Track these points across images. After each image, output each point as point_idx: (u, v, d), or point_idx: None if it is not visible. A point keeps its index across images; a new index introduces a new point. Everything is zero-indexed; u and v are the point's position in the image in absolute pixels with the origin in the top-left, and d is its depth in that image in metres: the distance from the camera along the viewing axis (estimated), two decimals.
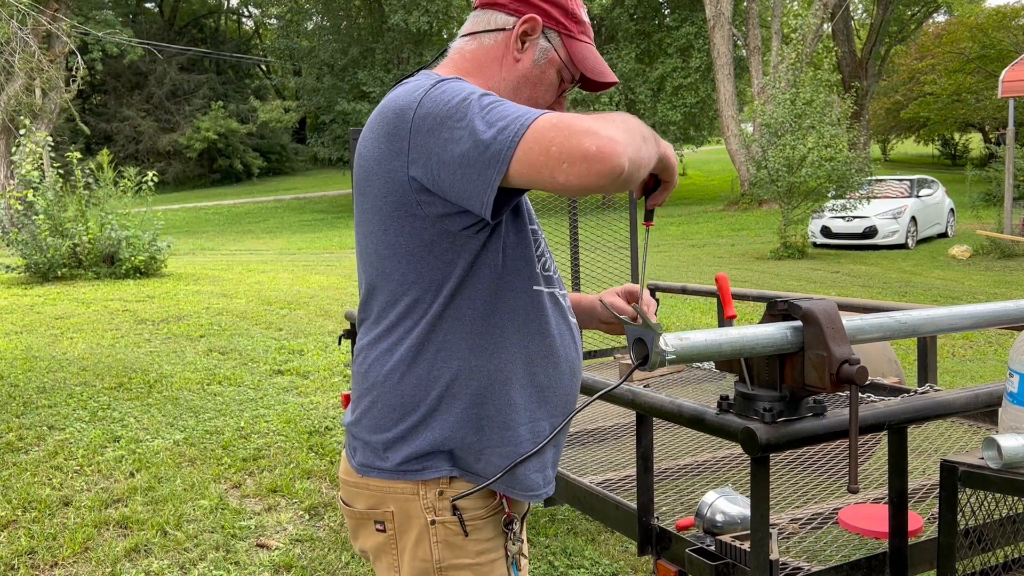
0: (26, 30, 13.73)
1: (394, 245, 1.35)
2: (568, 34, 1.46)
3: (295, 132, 42.34)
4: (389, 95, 1.37)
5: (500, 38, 1.45)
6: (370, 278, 1.41)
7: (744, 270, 12.74)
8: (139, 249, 12.25)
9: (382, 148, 1.32)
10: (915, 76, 35.95)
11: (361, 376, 1.43)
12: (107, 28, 28.76)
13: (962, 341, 7.47)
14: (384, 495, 1.41)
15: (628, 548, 3.41)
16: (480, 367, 1.36)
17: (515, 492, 1.42)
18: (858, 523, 1.98)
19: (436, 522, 1.39)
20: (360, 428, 1.43)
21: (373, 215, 1.37)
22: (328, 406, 5.62)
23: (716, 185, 31.42)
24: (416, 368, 1.37)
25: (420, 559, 1.40)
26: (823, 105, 14.54)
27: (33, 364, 6.73)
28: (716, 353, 1.41)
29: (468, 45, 1.48)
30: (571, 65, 1.47)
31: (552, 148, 1.15)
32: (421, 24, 28.89)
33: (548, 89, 1.47)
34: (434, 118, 1.25)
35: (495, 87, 1.45)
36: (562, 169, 1.15)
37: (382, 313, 1.40)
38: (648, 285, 4.26)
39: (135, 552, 3.48)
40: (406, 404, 1.38)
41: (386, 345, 1.39)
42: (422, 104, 1.27)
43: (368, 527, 1.45)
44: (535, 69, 1.45)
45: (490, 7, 1.47)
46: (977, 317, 1.76)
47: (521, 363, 1.39)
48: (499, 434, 1.38)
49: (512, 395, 1.38)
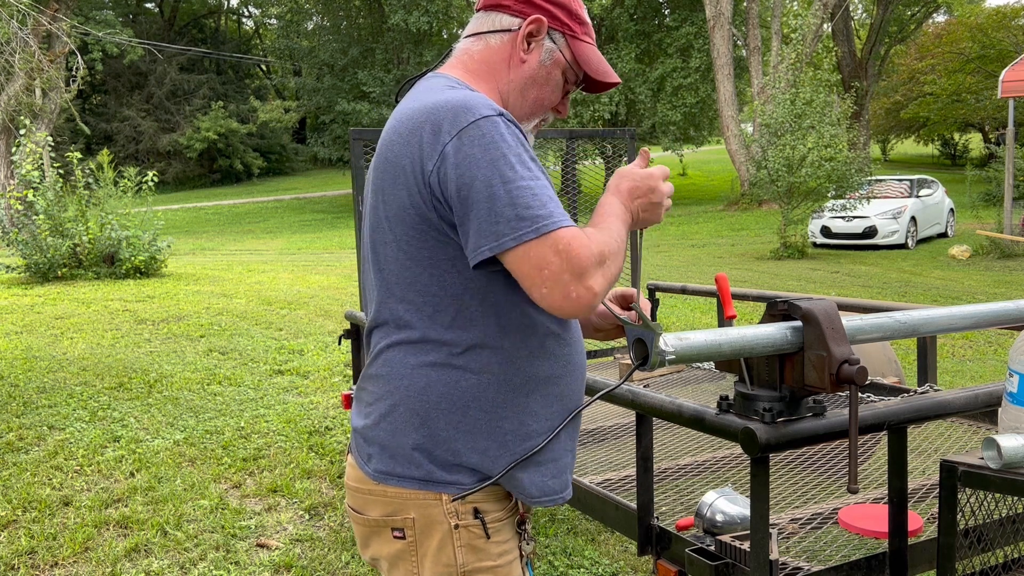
0: (26, 30, 13.73)
1: (415, 256, 1.35)
2: (572, 35, 1.47)
3: (295, 132, 42.34)
4: (414, 102, 1.36)
5: (506, 39, 1.46)
6: (389, 282, 1.40)
7: (744, 270, 12.74)
8: (139, 249, 12.25)
9: (414, 154, 1.32)
10: (915, 76, 35.95)
11: (383, 379, 1.40)
12: (107, 28, 28.77)
13: (962, 341, 7.47)
14: (404, 502, 1.38)
15: (628, 548, 3.41)
16: (503, 379, 1.36)
17: (534, 499, 1.42)
18: (858, 523, 1.98)
19: (460, 526, 1.37)
20: (379, 431, 1.40)
21: (395, 223, 1.36)
22: (328, 406, 5.62)
23: (716, 185, 31.42)
24: (442, 376, 1.36)
25: (443, 564, 1.38)
26: (823, 105, 14.53)
27: (33, 364, 6.73)
28: (716, 353, 1.41)
29: (475, 46, 1.48)
30: (575, 65, 1.48)
31: (544, 271, 1.23)
32: (421, 24, 28.91)
33: (554, 89, 1.49)
34: (467, 158, 1.26)
35: (504, 88, 1.46)
36: (541, 292, 1.24)
37: (410, 315, 1.38)
38: (648, 285, 4.26)
39: (135, 552, 3.48)
40: (430, 411, 1.36)
41: (413, 350, 1.38)
42: (460, 137, 1.27)
43: (383, 535, 1.42)
44: (541, 70, 1.46)
45: (494, 8, 1.47)
46: (977, 317, 1.76)
47: (541, 375, 1.39)
48: (520, 444, 1.38)
49: (532, 405, 1.39)
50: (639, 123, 28.01)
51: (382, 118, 28.74)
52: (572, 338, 1.45)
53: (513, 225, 1.22)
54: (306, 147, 38.73)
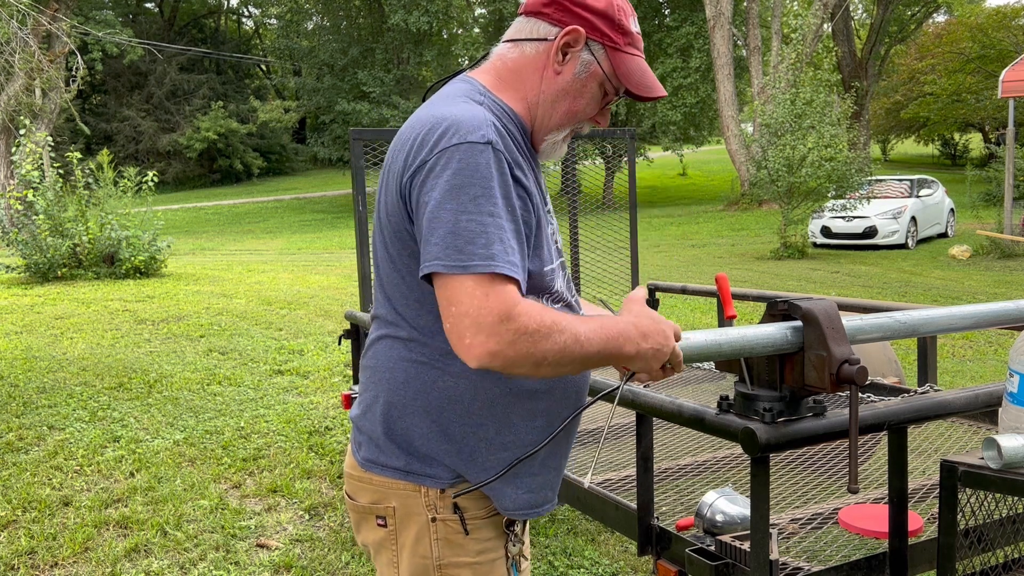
0: (26, 30, 13.73)
1: (396, 260, 1.37)
2: (614, 46, 1.41)
3: (295, 132, 42.34)
4: (423, 109, 1.37)
5: (542, 48, 1.41)
6: (381, 280, 1.43)
7: (744, 270, 12.74)
8: (139, 249, 12.25)
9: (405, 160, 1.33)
10: (915, 76, 35.94)
11: (371, 370, 1.44)
12: (107, 28, 28.76)
13: (962, 341, 7.47)
14: (387, 491, 1.42)
15: (628, 548, 3.41)
16: (481, 388, 1.37)
17: (508, 511, 1.43)
18: (858, 523, 1.98)
19: (437, 520, 1.40)
20: (365, 422, 1.44)
21: (384, 226, 1.39)
22: (328, 406, 5.62)
23: (716, 185, 31.42)
24: (422, 374, 1.38)
25: (420, 556, 1.41)
26: (823, 105, 14.53)
27: (33, 364, 6.73)
28: (716, 353, 1.41)
29: (510, 52, 1.44)
30: (614, 78, 1.42)
31: (452, 308, 1.21)
32: (421, 24, 28.91)
33: (590, 102, 1.43)
34: (436, 177, 1.25)
35: (532, 98, 1.42)
36: (446, 327, 1.23)
37: (397, 314, 1.40)
38: (648, 285, 4.26)
39: (135, 552, 3.48)
40: (407, 406, 1.39)
41: (399, 345, 1.40)
42: (439, 156, 1.26)
43: (370, 521, 1.46)
44: (575, 82, 1.41)
45: (534, 15, 1.43)
46: (977, 317, 1.76)
47: (524, 388, 1.39)
48: (494, 454, 1.39)
49: (511, 417, 1.39)
50: (639, 123, 28.02)
51: (382, 118, 28.75)
52: None
53: (448, 253, 1.21)
54: (306, 147, 38.74)
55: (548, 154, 1.48)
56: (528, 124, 1.43)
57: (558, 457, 1.48)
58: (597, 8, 1.39)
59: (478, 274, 1.20)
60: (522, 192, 1.31)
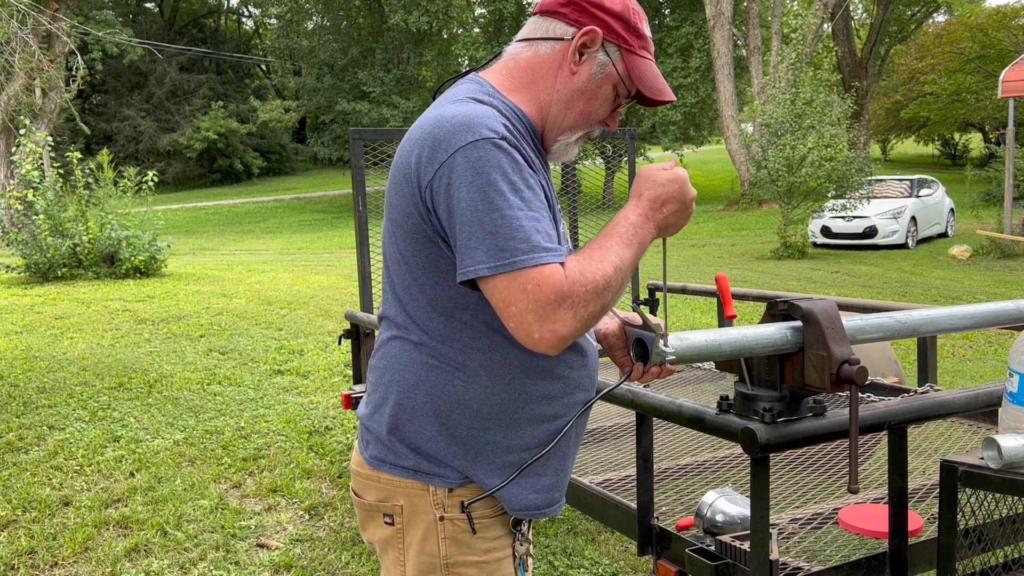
0: (26, 30, 13.73)
1: (411, 263, 1.37)
2: (628, 49, 1.41)
3: (295, 132, 42.34)
4: (432, 110, 1.37)
5: (558, 48, 1.40)
6: (392, 282, 1.42)
7: (744, 270, 12.74)
8: (139, 249, 12.25)
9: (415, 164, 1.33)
10: (915, 76, 35.93)
11: (381, 371, 1.44)
12: (107, 28, 28.76)
13: (962, 341, 7.47)
14: (395, 489, 1.42)
15: (628, 548, 3.41)
16: (491, 392, 1.37)
17: (514, 511, 1.43)
18: (858, 523, 1.98)
19: (445, 519, 1.40)
20: (373, 421, 1.45)
21: (397, 228, 1.38)
22: (328, 406, 5.62)
23: (716, 185, 31.40)
24: (431, 376, 1.38)
25: (427, 554, 1.41)
26: (823, 105, 14.53)
27: (33, 364, 6.73)
28: (716, 353, 1.41)
29: (524, 52, 1.43)
30: (628, 81, 1.42)
31: (511, 307, 1.24)
32: (421, 24, 28.90)
33: (603, 104, 1.43)
34: (459, 179, 1.26)
35: (545, 99, 1.42)
36: (509, 326, 1.26)
37: (408, 316, 1.40)
38: (648, 285, 4.26)
39: (135, 552, 3.48)
40: (417, 407, 1.39)
41: (409, 347, 1.40)
42: (456, 156, 1.26)
43: (377, 519, 1.46)
44: (591, 83, 1.40)
45: (550, 15, 1.42)
46: (977, 317, 1.76)
47: (536, 394, 1.39)
48: (501, 456, 1.40)
49: (520, 422, 1.39)
50: (639, 123, 28.00)
51: (382, 118, 28.75)
52: (584, 361, 1.44)
53: (492, 254, 1.22)
54: (306, 147, 38.75)
55: (559, 156, 1.48)
56: (539, 126, 1.43)
57: (566, 459, 1.48)
58: (614, 10, 1.39)
59: (523, 269, 1.22)
60: (535, 185, 1.32)
